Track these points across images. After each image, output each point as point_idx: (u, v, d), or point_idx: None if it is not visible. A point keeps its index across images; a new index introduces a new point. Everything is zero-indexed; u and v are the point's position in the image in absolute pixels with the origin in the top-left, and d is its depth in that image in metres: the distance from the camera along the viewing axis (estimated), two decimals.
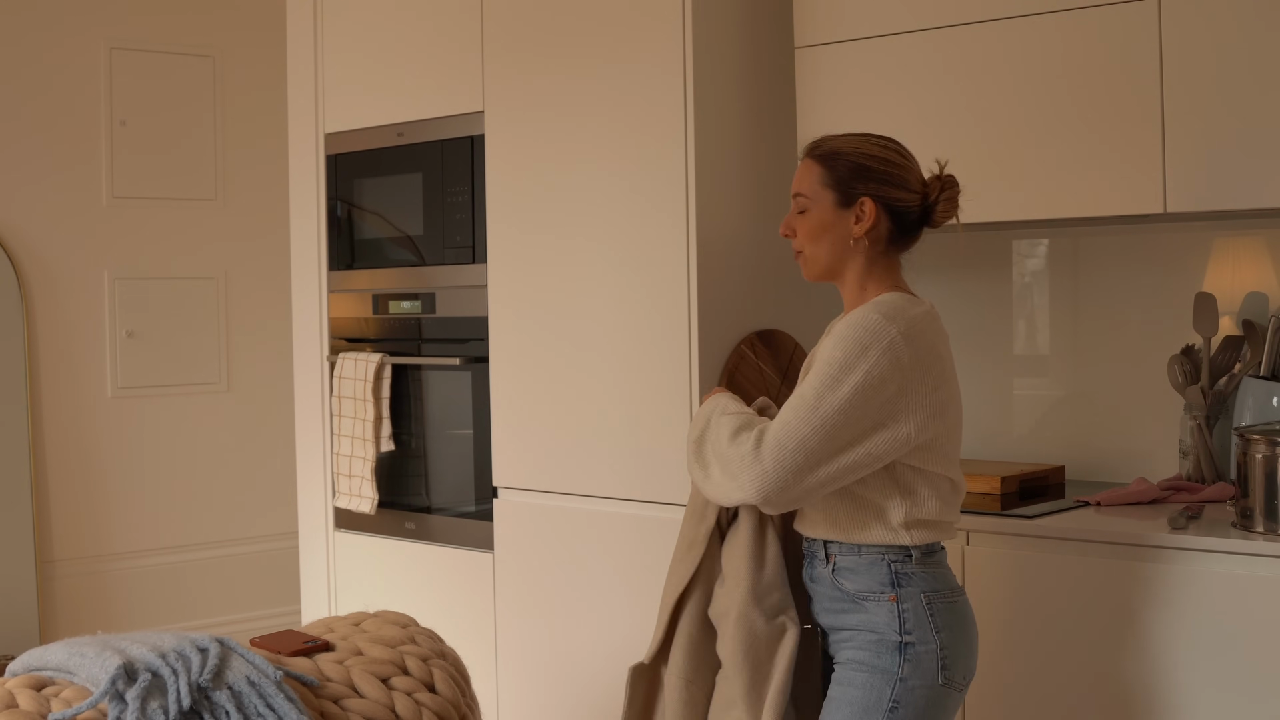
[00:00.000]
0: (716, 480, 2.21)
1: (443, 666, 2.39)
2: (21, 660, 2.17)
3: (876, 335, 2.13)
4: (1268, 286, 2.95)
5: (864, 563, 2.21)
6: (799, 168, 2.32)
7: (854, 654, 2.22)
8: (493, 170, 3.45)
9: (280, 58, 4.23)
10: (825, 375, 2.13)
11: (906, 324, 2.15)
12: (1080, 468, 3.15)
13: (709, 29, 3.08)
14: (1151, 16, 2.67)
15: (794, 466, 2.11)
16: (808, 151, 2.32)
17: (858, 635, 2.22)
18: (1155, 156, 2.67)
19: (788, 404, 2.15)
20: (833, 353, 2.14)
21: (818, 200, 2.27)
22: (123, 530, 4.91)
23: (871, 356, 2.12)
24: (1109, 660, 2.54)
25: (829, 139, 2.32)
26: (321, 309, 3.95)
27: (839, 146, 2.29)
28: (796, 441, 2.10)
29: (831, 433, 2.10)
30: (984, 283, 3.34)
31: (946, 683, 2.18)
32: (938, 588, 2.21)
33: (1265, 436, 2.48)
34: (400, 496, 3.79)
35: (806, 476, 2.11)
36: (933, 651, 2.17)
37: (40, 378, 4.73)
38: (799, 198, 2.29)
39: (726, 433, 2.19)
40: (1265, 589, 2.37)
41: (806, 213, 2.28)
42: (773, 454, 2.11)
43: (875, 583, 2.20)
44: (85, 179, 4.84)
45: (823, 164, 2.28)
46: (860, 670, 2.19)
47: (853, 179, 2.26)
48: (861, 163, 2.26)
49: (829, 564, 2.25)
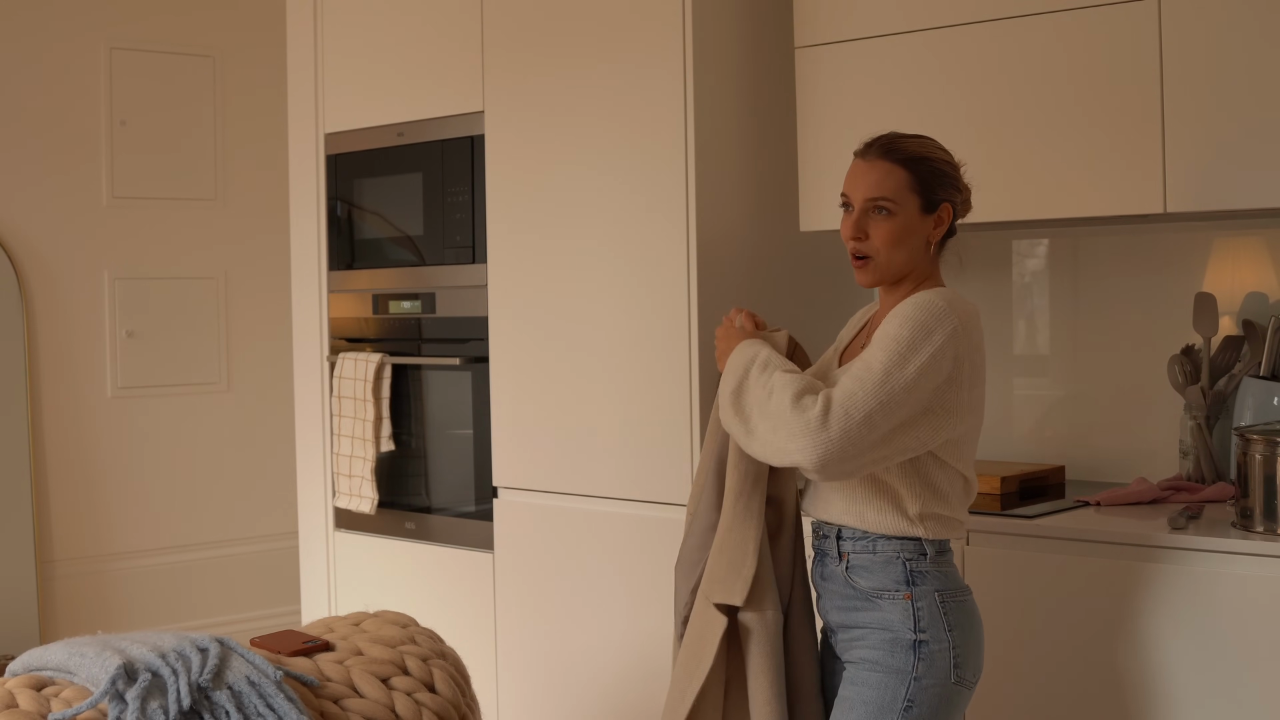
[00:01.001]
0: (764, 437, 2.14)
1: (443, 666, 2.39)
2: (21, 660, 2.17)
3: (941, 320, 2.12)
4: (1268, 286, 2.94)
5: (879, 560, 2.20)
6: (869, 169, 2.25)
7: (867, 653, 2.21)
8: (493, 170, 3.45)
9: (280, 58, 4.23)
10: (892, 351, 2.10)
11: (964, 317, 2.17)
12: (1080, 468, 3.15)
13: (709, 29, 3.08)
14: (1151, 16, 2.67)
15: (858, 439, 2.07)
16: (883, 154, 2.26)
17: (871, 634, 2.20)
18: (1155, 156, 2.67)
19: (852, 374, 2.11)
20: (899, 330, 2.12)
21: (904, 205, 2.23)
22: (123, 530, 4.91)
23: (936, 341, 2.12)
24: (1109, 660, 2.54)
25: (900, 140, 2.28)
26: (321, 309, 3.95)
27: (917, 150, 2.26)
28: (863, 414, 2.07)
29: (894, 410, 2.09)
30: (984, 283, 3.33)
31: (959, 681, 2.18)
32: (949, 586, 2.21)
33: (1265, 436, 2.48)
34: (400, 496, 3.79)
35: (866, 451, 2.09)
36: (945, 650, 2.17)
37: (40, 378, 4.73)
38: (884, 201, 2.22)
39: (788, 394, 2.11)
40: (1265, 589, 2.37)
41: (891, 217, 2.23)
42: (840, 424, 2.06)
43: (890, 580, 2.19)
44: (85, 179, 4.83)
45: (907, 168, 2.24)
46: (875, 670, 2.18)
47: (936, 185, 2.25)
48: (941, 168, 2.27)
49: (842, 561, 2.24)
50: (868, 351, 2.15)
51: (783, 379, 2.15)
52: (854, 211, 2.26)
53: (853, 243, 2.26)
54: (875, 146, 2.27)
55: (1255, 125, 2.57)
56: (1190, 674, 2.45)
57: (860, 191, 2.25)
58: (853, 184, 2.27)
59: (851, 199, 2.27)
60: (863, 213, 2.24)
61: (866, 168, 2.26)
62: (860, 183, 2.26)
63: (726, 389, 2.23)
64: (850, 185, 2.28)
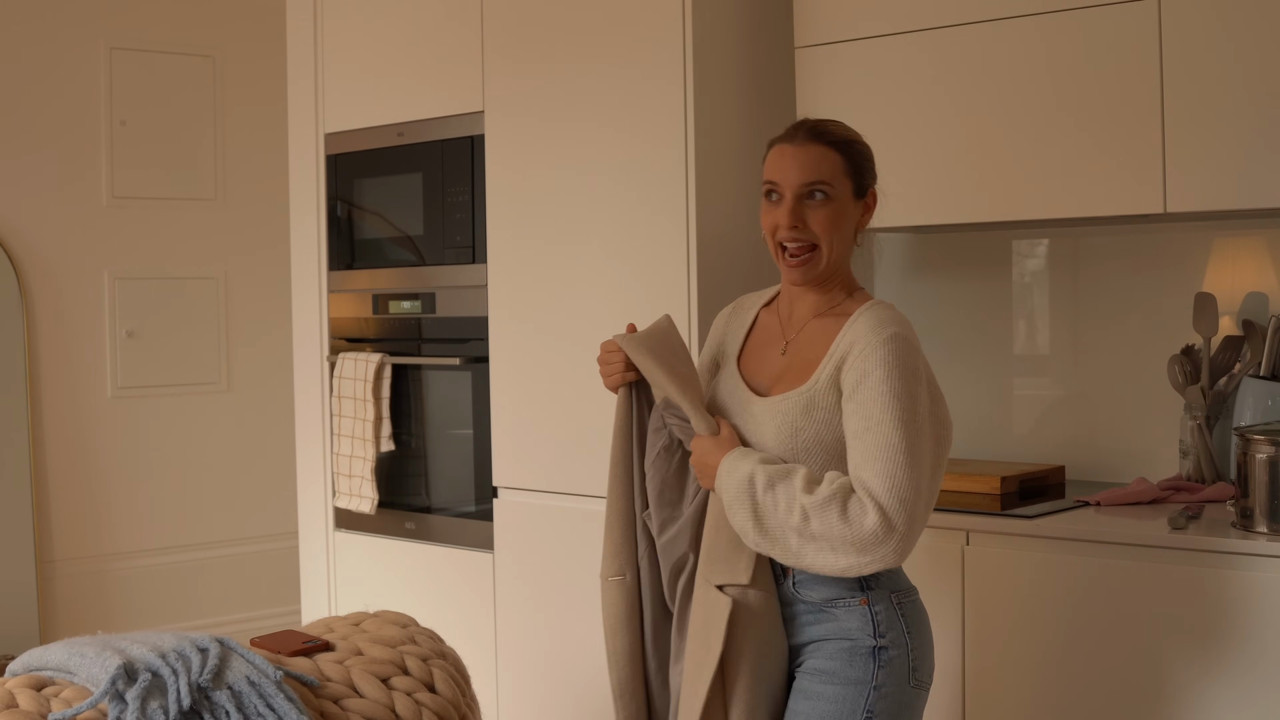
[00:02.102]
0: (824, 560, 2.01)
1: (443, 666, 2.39)
2: (21, 660, 2.17)
3: (912, 349, 2.06)
4: (1268, 286, 2.94)
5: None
6: (801, 153, 2.15)
7: (821, 663, 2.11)
8: (493, 170, 3.45)
9: (280, 58, 4.23)
10: (899, 412, 2.00)
11: (909, 328, 2.11)
12: (1080, 468, 3.15)
13: (709, 29, 3.08)
14: (1151, 16, 2.67)
15: (923, 516, 2.01)
16: (813, 137, 2.15)
17: (826, 645, 2.11)
18: (1155, 156, 2.67)
19: (874, 452, 1.99)
20: (892, 384, 2.01)
21: (840, 189, 2.14)
22: (123, 530, 4.91)
23: (919, 374, 2.05)
24: (1109, 660, 2.54)
25: (826, 123, 2.19)
26: (321, 309, 3.95)
27: (845, 133, 2.18)
28: (914, 492, 1.97)
29: (927, 465, 2.02)
30: (984, 283, 3.33)
31: (917, 684, 2.12)
32: (902, 586, 2.15)
33: (1266, 436, 2.48)
34: (400, 496, 3.79)
35: (928, 515, 2.04)
36: (904, 653, 2.10)
37: (40, 378, 4.73)
38: (822, 185, 2.12)
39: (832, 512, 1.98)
40: (1265, 589, 2.37)
41: (830, 202, 2.13)
42: (903, 518, 1.96)
43: (843, 588, 2.10)
44: (85, 179, 4.83)
45: (839, 151, 2.15)
46: (830, 682, 2.09)
47: (865, 169, 2.19)
48: (866, 152, 2.20)
49: (787, 577, 2.14)
50: (872, 419, 2.01)
51: (805, 497, 2.01)
52: (785, 199, 2.14)
53: (791, 232, 2.13)
54: (803, 130, 2.17)
55: (1255, 125, 2.57)
56: (1190, 674, 2.45)
57: (795, 177, 2.13)
58: (782, 170, 2.15)
59: (781, 186, 2.15)
60: (797, 199, 2.13)
61: (797, 151, 2.14)
62: (793, 168, 2.13)
63: (743, 526, 2.08)
64: (778, 172, 2.15)
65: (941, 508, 2.78)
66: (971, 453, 3.33)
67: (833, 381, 2.10)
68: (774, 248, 2.19)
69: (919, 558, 2.76)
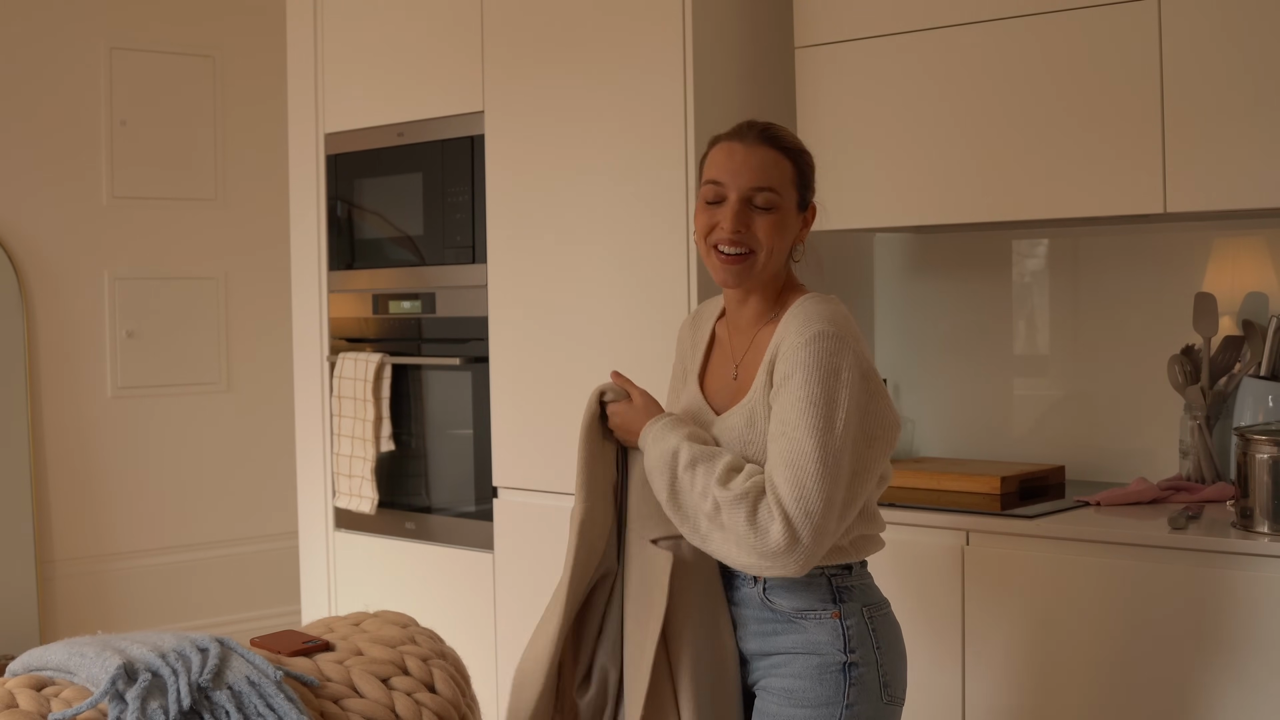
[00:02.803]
0: (725, 551, 1.95)
1: (443, 666, 2.39)
2: (21, 660, 2.17)
3: (839, 348, 1.95)
4: (1268, 286, 2.94)
5: (801, 580, 2.02)
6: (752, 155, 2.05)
7: (789, 683, 2.03)
8: (493, 170, 3.45)
9: (280, 58, 4.23)
10: (814, 417, 1.91)
11: (848, 325, 2.01)
12: (1080, 468, 3.15)
13: (709, 29, 3.08)
14: (1151, 16, 2.67)
15: (829, 527, 1.91)
16: (765, 140, 2.05)
17: (793, 660, 2.03)
18: (1155, 156, 2.67)
19: (785, 462, 1.91)
20: (808, 388, 1.93)
21: (786, 199, 2.05)
22: (123, 530, 4.91)
23: (845, 376, 1.94)
24: (1109, 660, 2.54)
25: (776, 127, 2.09)
26: (321, 309, 3.95)
27: (796, 142, 2.09)
28: (823, 503, 1.89)
29: (844, 474, 1.93)
30: (984, 283, 3.33)
31: (890, 700, 2.05)
32: (874, 600, 2.08)
33: (1266, 436, 2.48)
34: (400, 496, 3.79)
35: (838, 525, 1.94)
36: (874, 669, 2.03)
37: (40, 378, 4.73)
38: (769, 192, 2.03)
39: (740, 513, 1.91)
40: (1265, 589, 2.37)
41: (775, 211, 2.04)
42: (808, 529, 1.88)
43: (815, 599, 2.02)
44: (85, 179, 4.83)
45: (790, 159, 2.06)
46: (797, 705, 2.01)
47: (811, 179, 2.11)
48: (813, 163, 2.12)
49: (757, 583, 2.06)
50: (788, 425, 1.93)
51: (719, 489, 1.94)
52: (730, 201, 2.03)
53: (733, 236, 2.03)
54: (754, 132, 2.06)
55: (1255, 125, 2.57)
56: (1190, 674, 2.45)
57: (744, 179, 2.03)
58: (730, 170, 2.04)
59: (727, 187, 2.04)
60: (743, 203, 2.03)
61: (748, 153, 2.04)
62: (743, 170, 2.03)
63: (661, 495, 2.03)
64: (726, 172, 2.04)
65: (941, 508, 2.78)
66: (971, 453, 3.33)
67: (766, 386, 2.03)
68: (706, 249, 2.08)
69: (919, 558, 2.76)
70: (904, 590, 2.78)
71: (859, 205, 3.08)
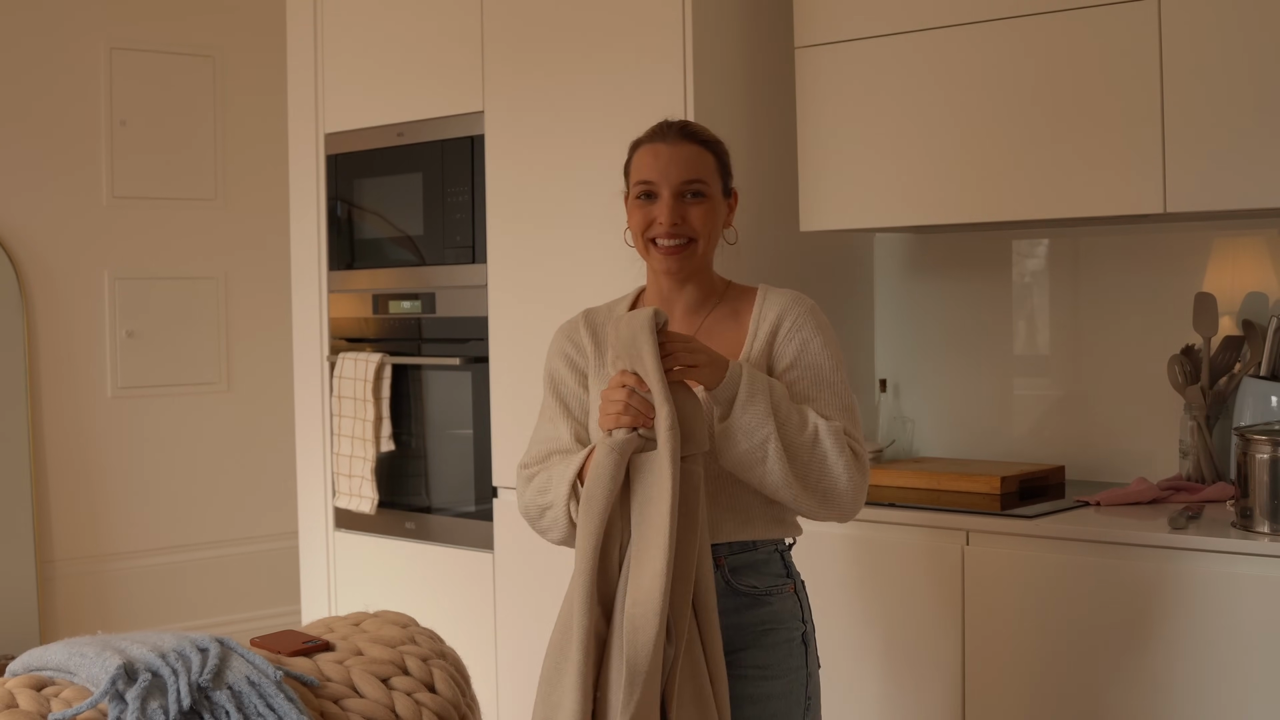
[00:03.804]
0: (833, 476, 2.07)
1: (443, 666, 2.39)
2: (21, 660, 2.17)
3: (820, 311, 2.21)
4: (1268, 286, 2.94)
5: (759, 557, 2.15)
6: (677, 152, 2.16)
7: (759, 656, 2.11)
8: (493, 170, 3.45)
9: (280, 58, 4.23)
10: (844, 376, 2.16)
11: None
12: (1080, 468, 3.15)
13: (709, 29, 3.08)
14: (1151, 16, 2.67)
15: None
16: (686, 136, 2.18)
17: (763, 637, 2.12)
18: (1155, 156, 2.67)
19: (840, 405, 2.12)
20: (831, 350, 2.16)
21: (714, 188, 2.18)
22: (123, 530, 4.91)
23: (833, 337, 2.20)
24: (1109, 660, 2.54)
25: (694, 125, 2.23)
26: (321, 309, 3.95)
27: (711, 134, 2.23)
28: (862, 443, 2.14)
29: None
30: (984, 283, 3.33)
31: (818, 665, 2.22)
32: (798, 573, 2.24)
33: (1266, 436, 2.48)
34: (400, 496, 3.79)
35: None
36: (813, 638, 2.20)
37: (40, 378, 4.73)
38: (699, 184, 2.16)
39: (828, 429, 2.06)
40: (1265, 589, 2.37)
41: (706, 200, 2.16)
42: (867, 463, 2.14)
43: (772, 576, 2.16)
44: (85, 179, 4.84)
45: (711, 150, 2.19)
46: (772, 677, 2.12)
47: (730, 167, 2.24)
48: (727, 152, 2.24)
49: (720, 568, 2.12)
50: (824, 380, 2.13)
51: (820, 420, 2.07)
52: (663, 198, 2.16)
53: (672, 228, 2.15)
54: (673, 130, 2.19)
55: (1255, 125, 2.57)
56: (1190, 674, 2.45)
57: (674, 175, 2.15)
58: (659, 169, 2.16)
59: (658, 185, 2.16)
60: (676, 197, 2.15)
61: (673, 151, 2.17)
62: (671, 167, 2.16)
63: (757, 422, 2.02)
64: (654, 171, 2.16)
65: (941, 507, 2.78)
66: (971, 453, 3.33)
67: (764, 355, 2.17)
68: (644, 244, 2.21)
69: (919, 558, 2.76)
70: (904, 590, 2.78)
71: (859, 205, 3.08)
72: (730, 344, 2.19)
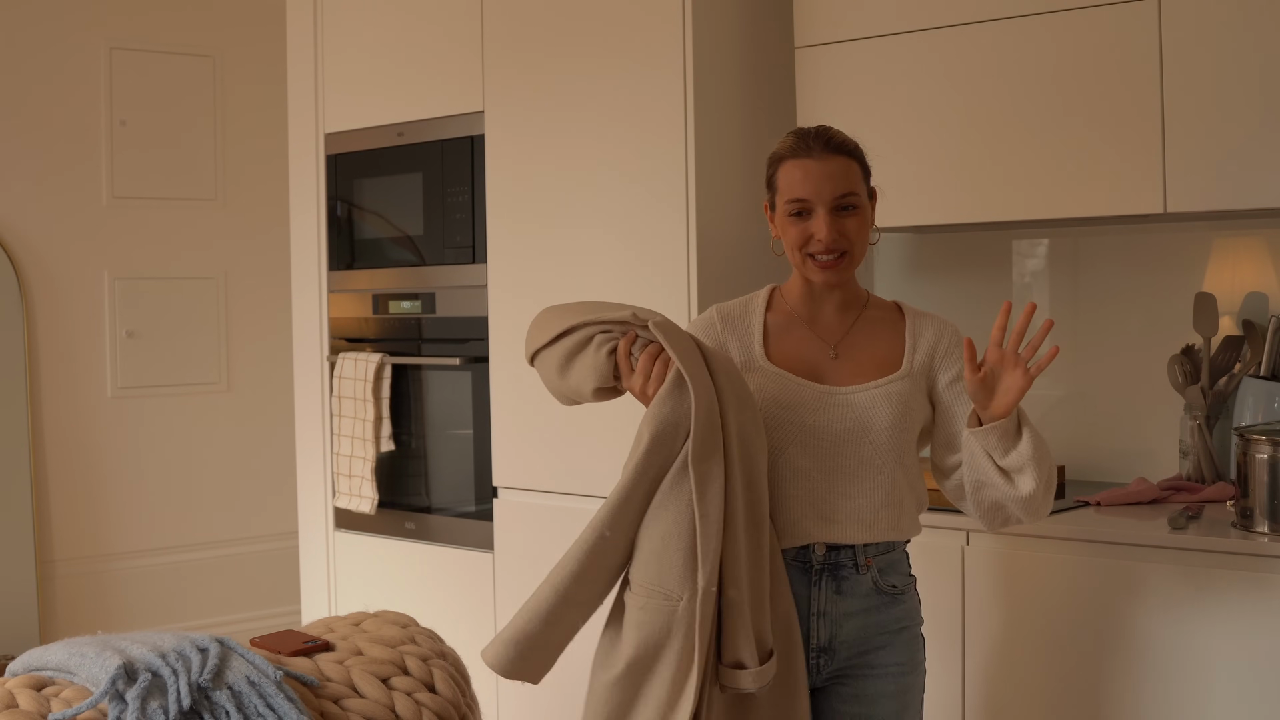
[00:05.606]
0: (1037, 489, 2.13)
1: (443, 666, 2.40)
2: (21, 660, 2.17)
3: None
4: (1268, 286, 2.94)
5: (896, 557, 2.23)
6: (827, 166, 2.16)
7: (896, 656, 2.20)
8: (493, 170, 3.45)
9: (280, 58, 4.23)
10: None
11: None
12: (1080, 468, 3.15)
13: (709, 29, 3.08)
14: (1151, 16, 2.67)
15: None
16: (833, 149, 2.18)
17: (899, 635, 2.20)
18: (1155, 156, 2.67)
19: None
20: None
21: (863, 197, 2.20)
22: (123, 530, 4.91)
23: None
24: (1109, 660, 2.54)
25: (834, 132, 2.21)
26: (321, 309, 3.95)
27: (852, 140, 2.23)
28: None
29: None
30: (984, 283, 3.33)
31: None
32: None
33: (1266, 436, 2.48)
34: (400, 496, 3.79)
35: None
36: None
37: (40, 378, 4.73)
38: (853, 196, 2.17)
39: (1041, 441, 2.14)
40: (1266, 589, 2.37)
41: (859, 211, 2.18)
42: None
43: (905, 574, 2.24)
44: (85, 179, 4.83)
45: (857, 160, 2.20)
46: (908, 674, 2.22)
47: (869, 169, 2.25)
48: (865, 154, 2.25)
49: (870, 569, 2.18)
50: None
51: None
52: (819, 214, 2.16)
53: (831, 243, 2.15)
54: (818, 143, 2.18)
55: (1255, 125, 2.57)
56: (1190, 674, 2.45)
57: (828, 192, 2.15)
58: (812, 187, 2.16)
59: (813, 202, 2.16)
60: (832, 212, 2.16)
61: (823, 167, 2.16)
62: (825, 183, 2.16)
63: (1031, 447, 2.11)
64: (807, 188, 2.16)
65: (941, 508, 2.78)
66: None
67: (924, 371, 2.23)
68: (801, 258, 2.21)
69: (919, 558, 2.76)
70: None
71: None
72: (887, 349, 2.24)
